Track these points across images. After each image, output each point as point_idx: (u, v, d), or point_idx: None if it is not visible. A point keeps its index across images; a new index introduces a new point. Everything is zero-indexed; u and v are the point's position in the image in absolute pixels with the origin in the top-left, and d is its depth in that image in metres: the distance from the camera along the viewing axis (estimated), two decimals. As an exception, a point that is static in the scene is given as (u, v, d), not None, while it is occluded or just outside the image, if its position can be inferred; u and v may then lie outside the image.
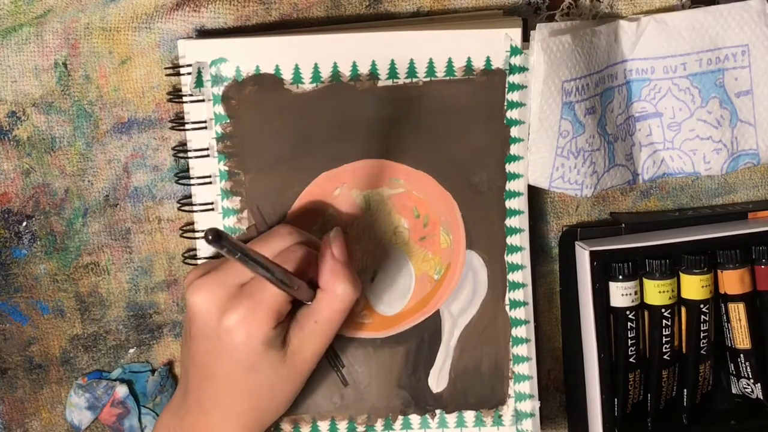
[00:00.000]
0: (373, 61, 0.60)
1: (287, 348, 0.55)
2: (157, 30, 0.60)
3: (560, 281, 0.67)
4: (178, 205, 0.62)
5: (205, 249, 0.61)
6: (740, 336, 0.65)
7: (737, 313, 0.64)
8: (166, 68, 0.60)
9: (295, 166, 0.61)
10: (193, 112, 0.60)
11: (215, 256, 0.60)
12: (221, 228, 0.60)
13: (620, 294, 0.63)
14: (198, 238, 0.61)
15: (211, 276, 0.54)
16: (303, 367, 0.57)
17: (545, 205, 0.66)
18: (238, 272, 0.54)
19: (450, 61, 0.60)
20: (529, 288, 0.63)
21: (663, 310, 0.64)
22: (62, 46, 0.59)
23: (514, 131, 0.61)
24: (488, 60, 0.60)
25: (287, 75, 0.59)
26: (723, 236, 0.63)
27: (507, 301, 0.63)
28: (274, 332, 0.54)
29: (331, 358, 0.63)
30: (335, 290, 0.55)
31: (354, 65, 0.60)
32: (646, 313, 0.64)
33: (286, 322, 0.55)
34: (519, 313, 0.63)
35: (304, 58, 0.59)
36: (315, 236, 0.61)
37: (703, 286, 0.63)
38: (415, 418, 0.64)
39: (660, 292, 0.63)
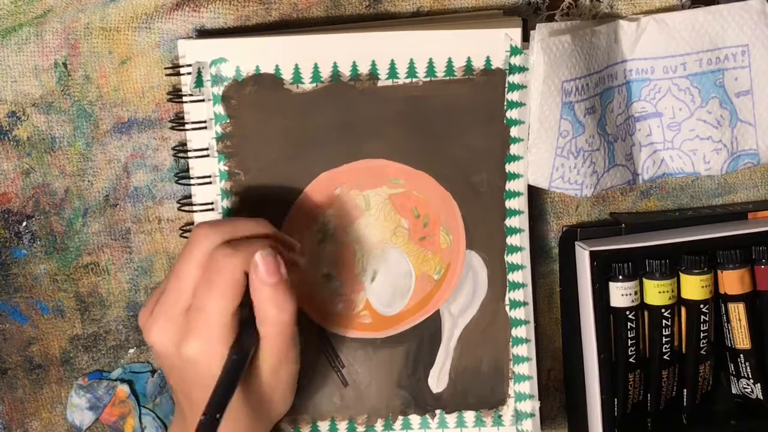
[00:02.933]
0: (373, 61, 0.60)
1: (257, 360, 0.55)
2: (157, 30, 0.60)
3: (560, 281, 0.67)
4: (178, 205, 0.62)
5: None
6: (740, 336, 0.65)
7: (737, 313, 0.64)
8: (166, 68, 0.60)
9: (295, 166, 0.61)
10: (193, 112, 0.60)
11: None
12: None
13: (620, 294, 0.63)
14: None
15: (156, 311, 0.54)
16: (275, 377, 0.56)
17: (545, 205, 0.66)
18: (177, 299, 0.53)
19: (450, 61, 0.60)
20: (529, 288, 0.63)
21: (663, 310, 0.64)
22: (62, 46, 0.59)
23: (514, 131, 0.61)
24: (488, 60, 0.60)
25: (287, 75, 0.59)
26: (723, 236, 0.63)
27: (507, 301, 0.63)
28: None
29: (331, 358, 0.63)
30: (266, 314, 0.53)
31: (354, 65, 0.60)
32: (646, 313, 0.64)
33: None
34: (519, 313, 0.63)
35: (304, 58, 0.59)
36: (315, 236, 0.61)
37: (703, 286, 0.63)
38: (415, 419, 0.64)
39: (660, 292, 0.63)
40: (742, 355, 0.65)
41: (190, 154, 0.60)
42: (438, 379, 0.64)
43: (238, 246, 0.53)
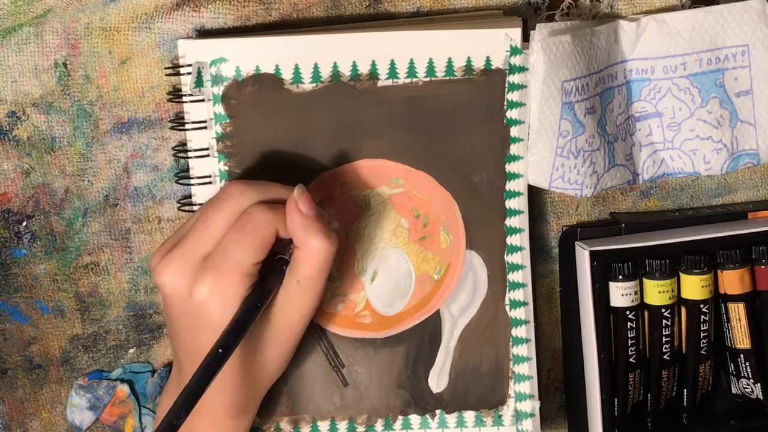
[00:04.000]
0: (373, 61, 0.60)
1: (271, 310, 0.54)
2: (157, 30, 0.60)
3: (560, 281, 0.67)
4: (178, 205, 0.62)
5: None
6: (740, 336, 0.65)
7: (737, 313, 0.64)
8: (166, 68, 0.60)
9: (295, 166, 0.61)
10: (193, 112, 0.60)
11: None
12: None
13: (620, 294, 0.63)
14: None
15: (173, 253, 0.53)
16: (290, 329, 0.55)
17: (545, 205, 0.66)
18: (199, 244, 0.53)
19: (450, 61, 0.60)
20: (529, 288, 0.63)
21: (663, 310, 0.64)
22: (62, 46, 0.59)
23: (514, 131, 0.61)
24: (488, 60, 0.60)
25: (287, 75, 0.59)
26: (723, 236, 0.63)
27: (507, 301, 0.63)
28: None
29: (331, 358, 0.63)
30: (310, 246, 0.53)
31: (354, 65, 0.60)
32: (646, 313, 0.64)
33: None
34: (519, 313, 0.63)
35: (304, 58, 0.59)
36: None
37: (703, 286, 0.63)
38: (415, 418, 0.64)
39: (660, 292, 0.63)
40: (742, 355, 0.65)
41: (190, 154, 0.60)
42: (438, 379, 0.64)
43: (273, 205, 0.54)
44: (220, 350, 0.50)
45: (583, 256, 0.63)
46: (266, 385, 0.58)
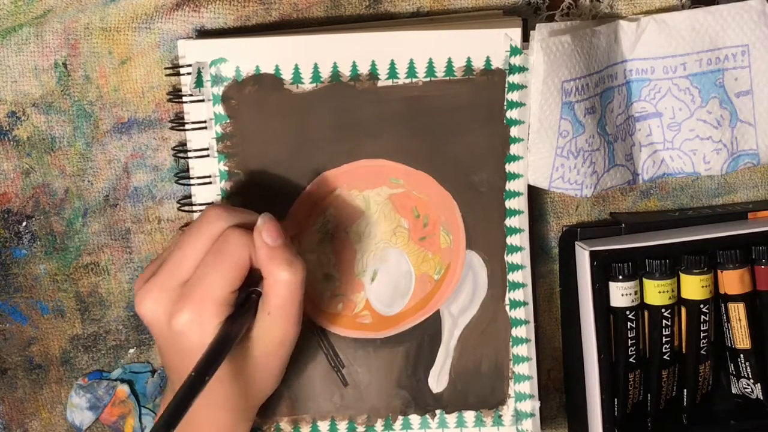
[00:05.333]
0: (373, 61, 0.60)
1: (249, 343, 0.54)
2: (157, 30, 0.60)
3: (560, 281, 0.67)
4: (178, 205, 0.62)
5: None
6: (740, 336, 0.65)
7: (737, 313, 0.64)
8: (166, 68, 0.60)
9: (295, 166, 0.61)
10: (193, 112, 0.60)
11: None
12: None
13: (620, 294, 0.63)
14: None
15: (152, 282, 0.54)
16: (271, 357, 0.55)
17: (545, 205, 0.66)
18: (177, 270, 0.53)
19: (450, 61, 0.60)
20: (529, 288, 0.63)
21: (663, 310, 0.64)
22: (62, 46, 0.59)
23: (514, 131, 0.61)
24: (488, 60, 0.60)
25: (287, 75, 0.59)
26: (723, 236, 0.63)
27: (507, 301, 0.63)
28: None
29: (331, 358, 0.63)
30: (275, 277, 0.53)
31: (354, 65, 0.60)
32: (646, 313, 0.64)
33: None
34: (519, 313, 0.63)
35: (304, 58, 0.59)
36: (315, 236, 0.61)
37: (703, 286, 0.63)
38: (415, 418, 0.64)
39: (660, 292, 0.63)
40: (742, 355, 0.65)
41: (190, 154, 0.60)
42: (438, 379, 0.64)
43: (249, 231, 0.54)
44: (193, 374, 0.50)
45: (583, 256, 0.63)
46: (258, 403, 0.58)
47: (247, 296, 0.54)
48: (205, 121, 0.60)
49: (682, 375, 0.66)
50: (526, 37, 0.60)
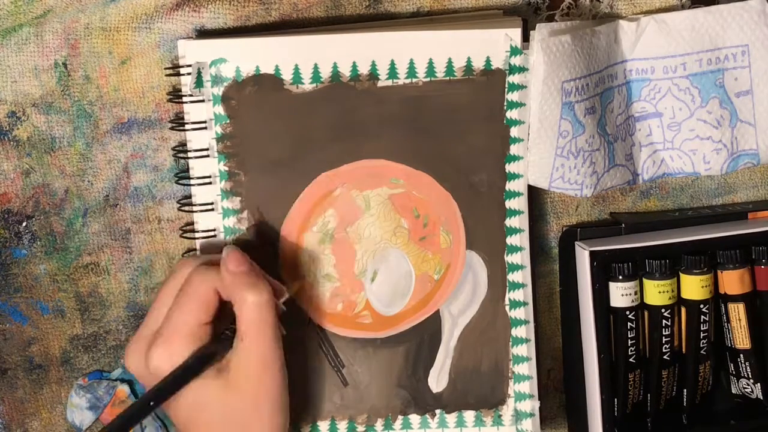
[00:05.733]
0: (373, 61, 0.60)
1: (229, 373, 0.54)
2: (157, 30, 0.60)
3: (560, 281, 0.67)
4: (178, 205, 0.62)
5: (203, 249, 0.61)
6: (740, 336, 0.65)
7: (737, 313, 0.64)
8: (166, 68, 0.60)
9: (295, 166, 0.61)
10: (193, 112, 0.60)
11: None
12: (221, 227, 0.60)
13: (620, 294, 0.63)
14: (198, 238, 0.61)
15: (134, 337, 0.56)
16: (257, 386, 0.54)
17: (545, 205, 0.66)
18: (152, 320, 0.55)
19: (450, 61, 0.60)
20: (529, 288, 0.63)
21: (663, 310, 0.64)
22: (62, 46, 0.59)
23: (514, 131, 0.61)
24: (488, 60, 0.60)
25: (287, 75, 0.59)
26: (723, 236, 0.63)
27: (507, 301, 0.63)
28: None
29: (331, 358, 0.63)
30: (242, 301, 0.53)
31: (354, 65, 0.60)
32: (646, 313, 0.64)
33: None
34: (519, 313, 0.63)
35: (304, 58, 0.59)
36: (315, 236, 0.62)
37: (703, 286, 0.63)
38: (415, 418, 0.64)
39: (660, 292, 0.63)
40: (742, 355, 0.65)
41: (190, 154, 0.60)
42: (438, 379, 0.64)
43: (213, 266, 0.55)
44: (151, 403, 0.52)
45: (583, 256, 0.63)
46: None
47: (224, 331, 0.55)
48: (205, 122, 0.60)
49: (682, 375, 0.66)
50: (526, 37, 0.60)
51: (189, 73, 0.59)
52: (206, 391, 0.54)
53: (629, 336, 0.63)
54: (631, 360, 0.64)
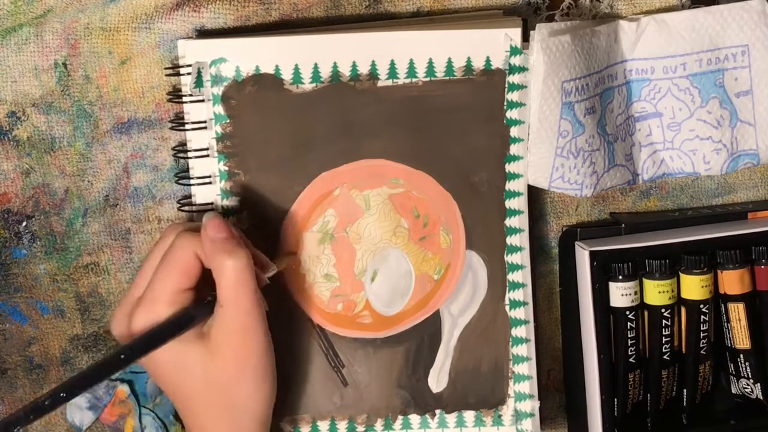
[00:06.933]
0: (373, 61, 0.60)
1: (210, 339, 0.54)
2: (157, 30, 0.60)
3: (560, 281, 0.67)
4: (178, 205, 0.62)
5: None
6: (740, 336, 0.65)
7: (737, 313, 0.64)
8: (166, 68, 0.60)
9: (295, 166, 0.61)
10: (192, 112, 0.60)
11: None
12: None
13: (620, 294, 0.63)
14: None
15: (120, 303, 0.56)
16: (235, 353, 0.54)
17: (545, 205, 0.66)
18: (135, 288, 0.55)
19: (450, 61, 0.60)
20: (529, 288, 0.63)
21: (663, 310, 0.64)
22: (62, 46, 0.59)
23: (514, 131, 0.61)
24: (488, 60, 0.60)
25: (287, 75, 0.59)
26: (723, 236, 0.63)
27: (507, 301, 0.63)
28: None
29: (330, 358, 0.63)
30: (219, 267, 0.53)
31: (354, 65, 0.60)
32: (645, 313, 0.64)
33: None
34: (519, 313, 0.63)
35: (304, 58, 0.59)
36: (315, 236, 0.61)
37: (702, 286, 0.63)
38: (414, 418, 0.64)
39: (660, 292, 0.63)
40: (742, 355, 0.65)
41: (190, 154, 0.60)
42: (438, 379, 0.64)
43: (195, 233, 0.55)
44: (122, 356, 0.51)
45: (583, 256, 0.63)
46: (252, 416, 0.56)
47: (207, 297, 0.55)
48: (205, 121, 0.60)
49: (682, 375, 0.66)
50: (526, 37, 0.60)
51: (189, 73, 0.59)
52: (188, 356, 0.54)
53: (629, 336, 0.63)
54: (631, 360, 0.64)
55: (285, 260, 0.61)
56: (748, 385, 0.66)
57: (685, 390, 0.66)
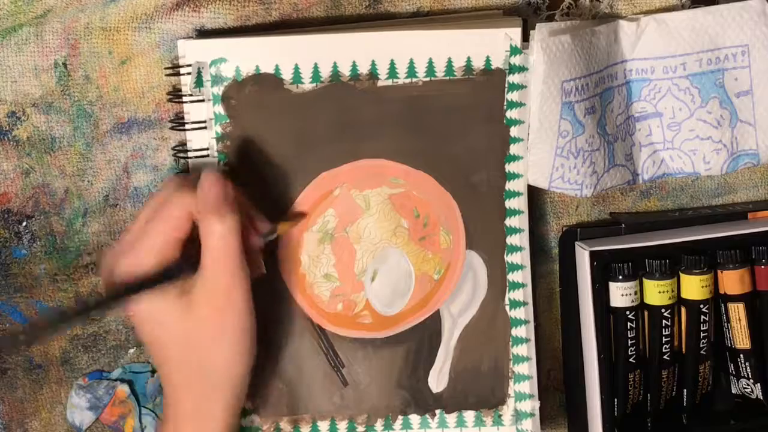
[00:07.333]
0: (373, 61, 0.60)
1: (191, 297, 0.54)
2: (157, 30, 0.60)
3: (560, 281, 0.67)
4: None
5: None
6: (740, 336, 0.65)
7: (737, 313, 0.64)
8: (166, 68, 0.60)
9: (295, 166, 0.61)
10: (192, 112, 0.60)
11: None
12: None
13: (620, 294, 0.63)
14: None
15: (112, 248, 0.56)
16: (214, 316, 0.54)
17: (545, 205, 0.66)
18: (126, 235, 0.55)
19: (450, 61, 0.60)
20: (529, 288, 0.63)
21: (663, 310, 0.64)
22: (62, 46, 0.59)
23: (514, 131, 0.61)
24: (488, 60, 0.60)
25: (287, 75, 0.59)
26: (723, 236, 0.63)
27: (507, 301, 0.63)
28: None
29: (330, 357, 0.63)
30: (208, 228, 0.53)
31: (354, 65, 0.60)
32: (646, 313, 0.64)
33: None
34: (519, 313, 0.63)
35: (303, 58, 0.59)
36: (315, 236, 0.62)
37: (702, 286, 0.63)
38: (415, 418, 0.64)
39: (660, 292, 0.63)
40: (742, 355, 0.65)
41: (190, 154, 0.60)
42: (438, 379, 0.64)
43: (191, 188, 0.55)
44: (97, 301, 0.52)
45: (583, 256, 0.63)
46: (227, 381, 0.56)
47: (194, 253, 0.54)
48: (205, 121, 0.60)
49: (682, 375, 0.66)
50: (526, 37, 0.60)
51: (189, 73, 0.59)
52: (168, 310, 0.54)
53: (629, 336, 0.63)
54: (631, 360, 0.64)
55: (286, 225, 0.60)
56: (748, 385, 0.66)
57: (685, 390, 0.66)
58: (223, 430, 0.56)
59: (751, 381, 0.66)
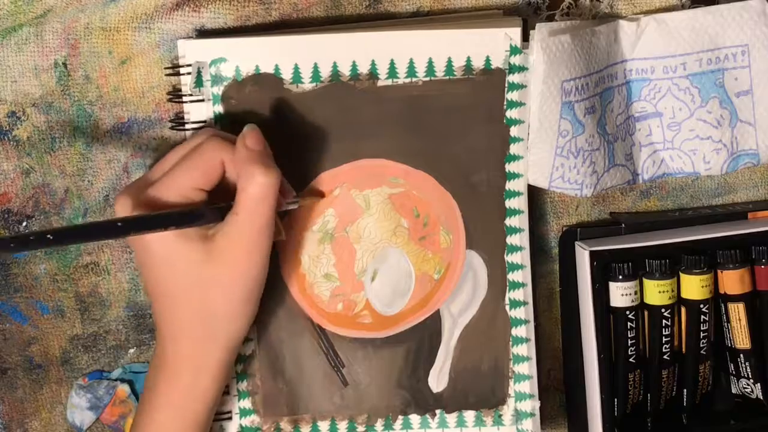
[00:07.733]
0: (373, 61, 0.60)
1: (213, 244, 0.53)
2: (157, 30, 0.60)
3: (560, 281, 0.67)
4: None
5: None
6: (740, 336, 0.65)
7: (737, 313, 0.64)
8: (166, 68, 0.60)
9: (295, 166, 0.61)
10: (193, 112, 0.60)
11: None
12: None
13: (620, 294, 0.63)
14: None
15: (131, 184, 0.56)
16: (232, 266, 0.54)
17: (545, 205, 0.66)
18: (152, 173, 0.55)
19: (450, 61, 0.60)
20: (529, 288, 0.63)
21: (663, 310, 0.64)
22: (62, 46, 0.59)
23: (514, 131, 0.61)
24: (488, 59, 0.60)
25: (287, 75, 0.59)
26: (723, 236, 0.63)
27: (507, 301, 0.63)
28: None
29: (330, 357, 0.63)
30: (248, 176, 0.53)
31: (354, 65, 0.60)
32: (646, 313, 0.64)
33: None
34: (519, 313, 0.63)
35: (303, 57, 0.59)
36: (315, 236, 0.62)
37: (702, 286, 0.63)
38: (415, 418, 0.64)
39: (660, 292, 0.63)
40: (742, 355, 0.65)
41: (190, 154, 0.60)
42: (438, 379, 0.64)
43: (226, 140, 0.55)
44: (119, 224, 0.50)
45: (583, 256, 0.63)
46: (226, 334, 0.56)
47: (220, 203, 0.54)
48: (205, 121, 0.60)
49: (682, 375, 0.66)
50: (526, 37, 0.60)
51: (189, 73, 0.59)
52: (184, 253, 0.53)
53: (629, 336, 0.63)
54: (631, 360, 0.64)
55: (308, 200, 0.60)
56: (748, 385, 0.66)
57: (685, 390, 0.66)
58: (216, 378, 0.56)
59: (751, 381, 0.66)
